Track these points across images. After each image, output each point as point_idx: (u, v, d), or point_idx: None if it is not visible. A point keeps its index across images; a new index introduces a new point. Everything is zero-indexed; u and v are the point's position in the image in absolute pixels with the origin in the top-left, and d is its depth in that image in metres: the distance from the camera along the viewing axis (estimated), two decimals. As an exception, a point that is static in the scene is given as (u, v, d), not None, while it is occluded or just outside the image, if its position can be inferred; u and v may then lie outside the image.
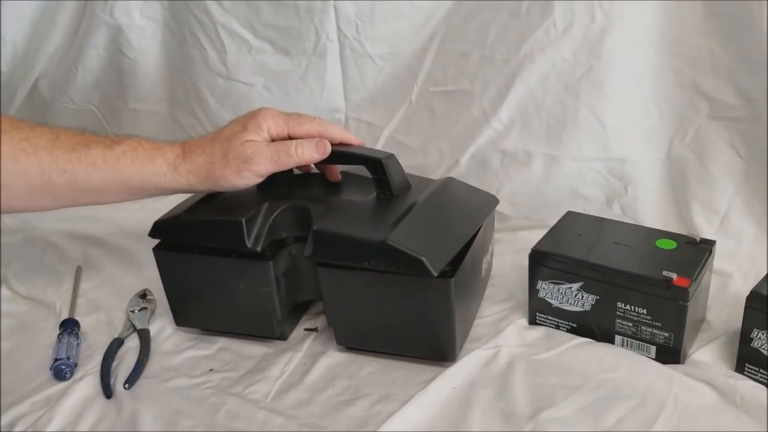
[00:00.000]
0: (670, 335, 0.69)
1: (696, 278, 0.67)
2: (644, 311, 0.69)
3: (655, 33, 0.88)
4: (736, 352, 0.68)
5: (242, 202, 0.74)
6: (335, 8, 0.99)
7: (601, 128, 0.92)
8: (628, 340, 0.71)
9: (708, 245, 0.73)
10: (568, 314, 0.74)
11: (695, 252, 0.72)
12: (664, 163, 0.93)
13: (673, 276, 0.67)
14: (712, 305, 0.78)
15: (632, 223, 0.85)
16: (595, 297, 0.72)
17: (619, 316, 0.71)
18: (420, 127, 1.03)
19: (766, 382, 0.66)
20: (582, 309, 0.73)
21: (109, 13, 1.08)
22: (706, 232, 0.88)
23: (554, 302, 0.75)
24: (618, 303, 0.70)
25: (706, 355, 0.71)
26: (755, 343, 0.66)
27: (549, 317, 0.76)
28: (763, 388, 0.65)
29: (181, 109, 1.15)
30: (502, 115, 0.97)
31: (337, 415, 0.66)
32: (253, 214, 0.72)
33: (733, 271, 0.84)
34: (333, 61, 1.03)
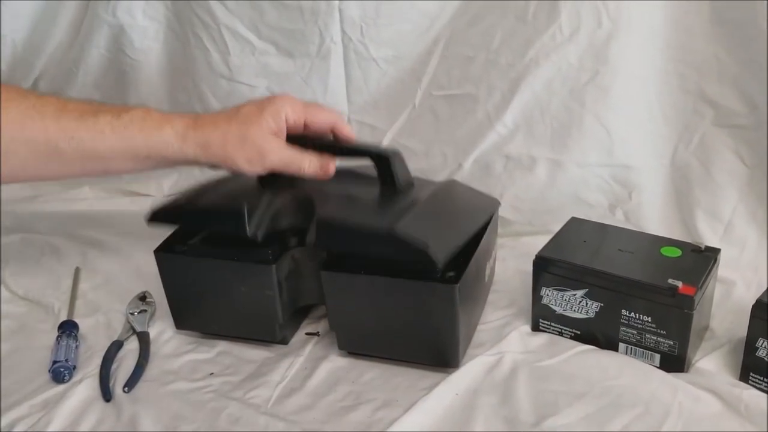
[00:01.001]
0: (674, 343, 0.68)
1: (701, 286, 0.67)
2: (649, 319, 0.69)
3: (661, 39, 0.88)
4: (740, 361, 0.68)
5: (244, 191, 0.74)
6: (340, 10, 0.99)
7: (605, 134, 0.92)
8: (633, 347, 0.71)
9: (713, 253, 0.73)
10: (571, 321, 0.74)
11: (700, 260, 0.71)
12: (668, 170, 0.93)
13: (679, 284, 0.66)
14: (716, 313, 0.77)
15: (636, 230, 0.84)
16: (599, 304, 0.71)
17: (624, 324, 0.70)
18: (423, 131, 1.03)
19: (771, 391, 0.66)
20: (586, 316, 0.72)
21: (112, 13, 1.07)
22: (710, 240, 0.88)
23: (558, 309, 0.74)
24: (622, 310, 0.70)
25: (711, 363, 0.71)
26: (760, 353, 0.65)
27: (552, 324, 0.76)
28: (768, 397, 0.65)
29: (183, 111, 1.09)
30: (507, 120, 0.97)
31: (339, 420, 0.66)
32: (255, 202, 0.71)
33: (736, 279, 0.83)
34: (336, 64, 1.03)
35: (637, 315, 0.69)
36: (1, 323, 0.82)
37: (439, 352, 0.70)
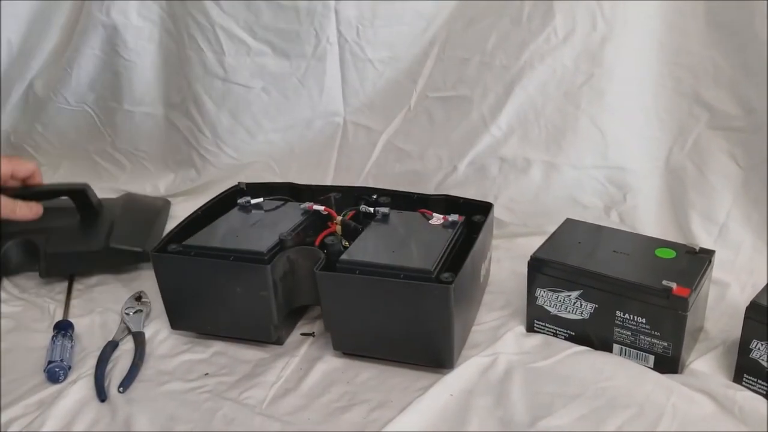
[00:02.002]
0: (668, 345, 0.68)
1: (695, 288, 0.67)
2: (643, 320, 0.69)
3: (657, 41, 0.88)
4: (734, 362, 0.68)
5: None
6: (336, 11, 0.99)
7: (600, 136, 0.93)
8: (627, 349, 0.71)
9: (707, 255, 0.73)
10: (566, 322, 0.74)
11: (694, 261, 0.71)
12: (663, 172, 0.93)
13: (673, 285, 0.66)
14: (710, 315, 0.77)
15: (632, 232, 0.84)
16: (593, 305, 0.71)
17: (618, 325, 0.70)
18: (418, 133, 1.03)
19: (765, 393, 0.66)
20: (580, 317, 0.72)
21: (106, 13, 1.07)
22: (705, 242, 0.88)
23: (552, 310, 0.74)
24: (617, 312, 0.70)
25: (705, 365, 0.71)
26: (754, 354, 0.65)
27: (547, 325, 0.76)
28: (762, 399, 0.65)
29: (177, 112, 1.14)
30: (501, 122, 0.97)
31: (334, 421, 0.66)
32: None
33: (731, 281, 0.83)
34: (332, 65, 1.04)
35: (632, 316, 0.69)
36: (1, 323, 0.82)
37: (434, 353, 0.70)
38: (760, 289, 0.67)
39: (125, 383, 0.70)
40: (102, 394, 0.69)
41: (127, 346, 0.77)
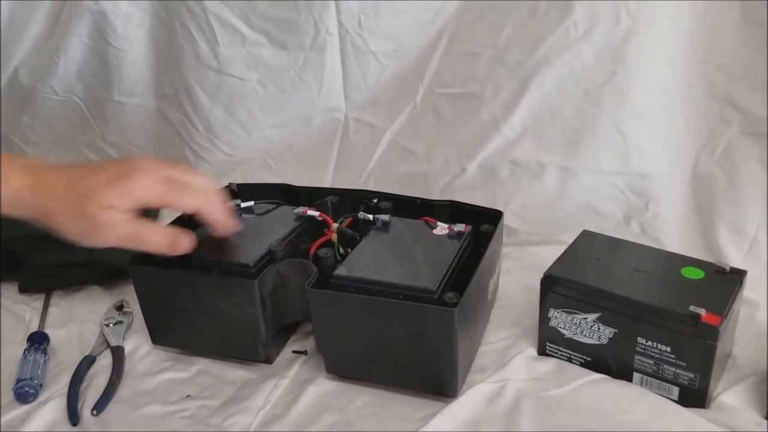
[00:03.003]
0: (695, 376, 0.63)
1: (726, 315, 0.62)
2: (668, 349, 0.64)
3: (686, 38, 0.85)
4: (766, 395, 0.64)
5: None
6: (336, 0, 0.97)
7: (621, 140, 0.90)
8: (648, 378, 0.66)
9: (738, 276, 0.68)
10: (582, 347, 0.69)
11: (724, 283, 0.67)
12: (690, 180, 0.90)
13: (702, 312, 0.61)
14: (739, 338, 0.73)
15: (655, 247, 0.80)
16: (612, 330, 0.66)
17: (639, 353, 0.65)
18: (425, 131, 1.01)
19: (801, 433, 0.61)
20: (598, 342, 0.68)
21: (93, -2, 1.05)
22: (733, 256, 0.84)
23: (567, 333, 0.69)
24: (638, 338, 0.65)
25: (733, 397, 0.66)
26: (789, 389, 0.60)
27: (561, 348, 0.71)
28: (798, 440, 0.61)
29: (169, 104, 1.12)
30: (514, 122, 0.94)
31: (325, 454, 0.62)
32: None
33: (761, 302, 0.78)
34: (333, 57, 1.01)
35: (655, 344, 0.64)
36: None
37: (436, 380, 0.66)
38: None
39: (99, 405, 0.67)
40: (74, 418, 0.66)
41: (105, 360, 0.74)
